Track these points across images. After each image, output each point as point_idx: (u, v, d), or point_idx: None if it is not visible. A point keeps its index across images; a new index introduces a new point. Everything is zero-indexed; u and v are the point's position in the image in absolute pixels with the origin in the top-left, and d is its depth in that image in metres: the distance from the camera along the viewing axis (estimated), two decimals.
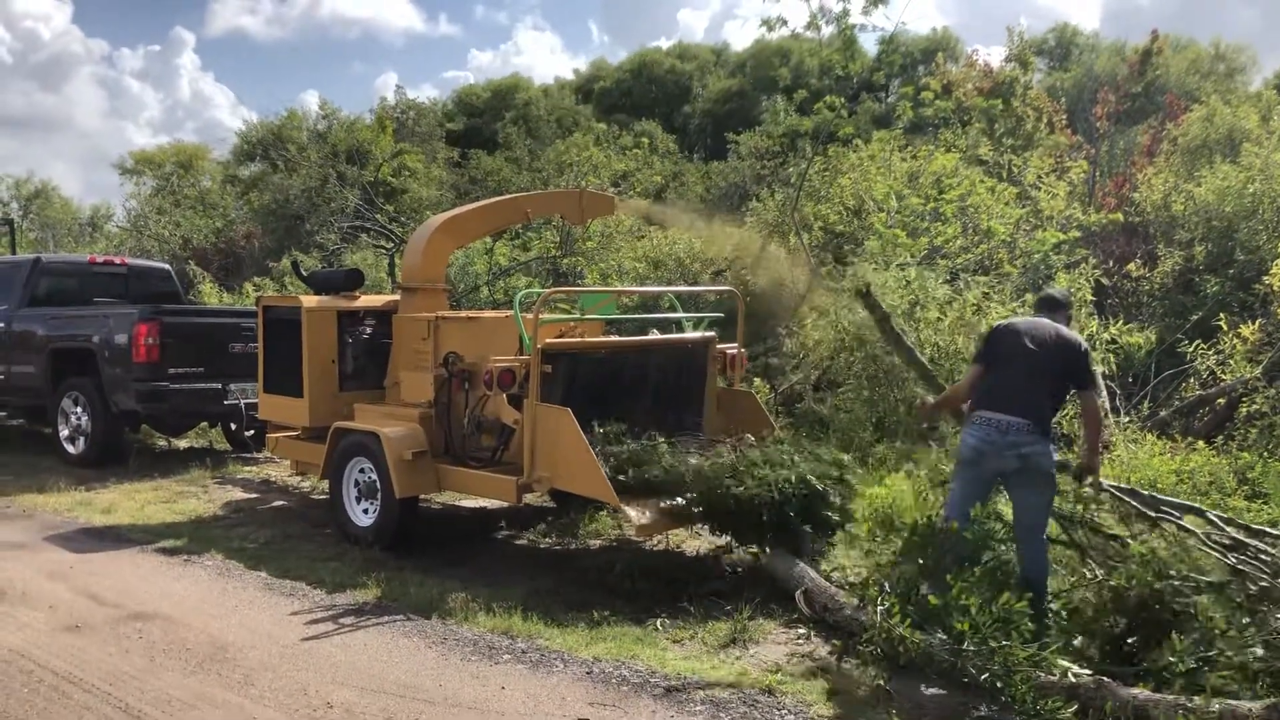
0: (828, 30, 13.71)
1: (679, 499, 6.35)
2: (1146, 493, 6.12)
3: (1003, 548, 5.41)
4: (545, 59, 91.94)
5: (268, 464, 10.95)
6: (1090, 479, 5.77)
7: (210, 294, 19.02)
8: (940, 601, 4.79)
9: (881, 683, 4.72)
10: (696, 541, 7.66)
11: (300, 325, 8.23)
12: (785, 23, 14.12)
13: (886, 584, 5.32)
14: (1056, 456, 5.48)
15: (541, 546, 7.77)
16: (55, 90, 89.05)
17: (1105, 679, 4.40)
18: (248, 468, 10.90)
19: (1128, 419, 9.44)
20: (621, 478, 6.42)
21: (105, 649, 5.42)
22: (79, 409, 10.84)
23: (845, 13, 13.30)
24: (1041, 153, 16.03)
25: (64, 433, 10.99)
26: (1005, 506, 5.89)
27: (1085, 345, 5.57)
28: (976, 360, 5.76)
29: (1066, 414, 8.36)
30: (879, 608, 5.11)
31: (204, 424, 12.38)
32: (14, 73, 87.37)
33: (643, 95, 41.68)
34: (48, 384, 11.11)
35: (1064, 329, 5.57)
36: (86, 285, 12.06)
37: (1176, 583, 4.88)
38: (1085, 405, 5.60)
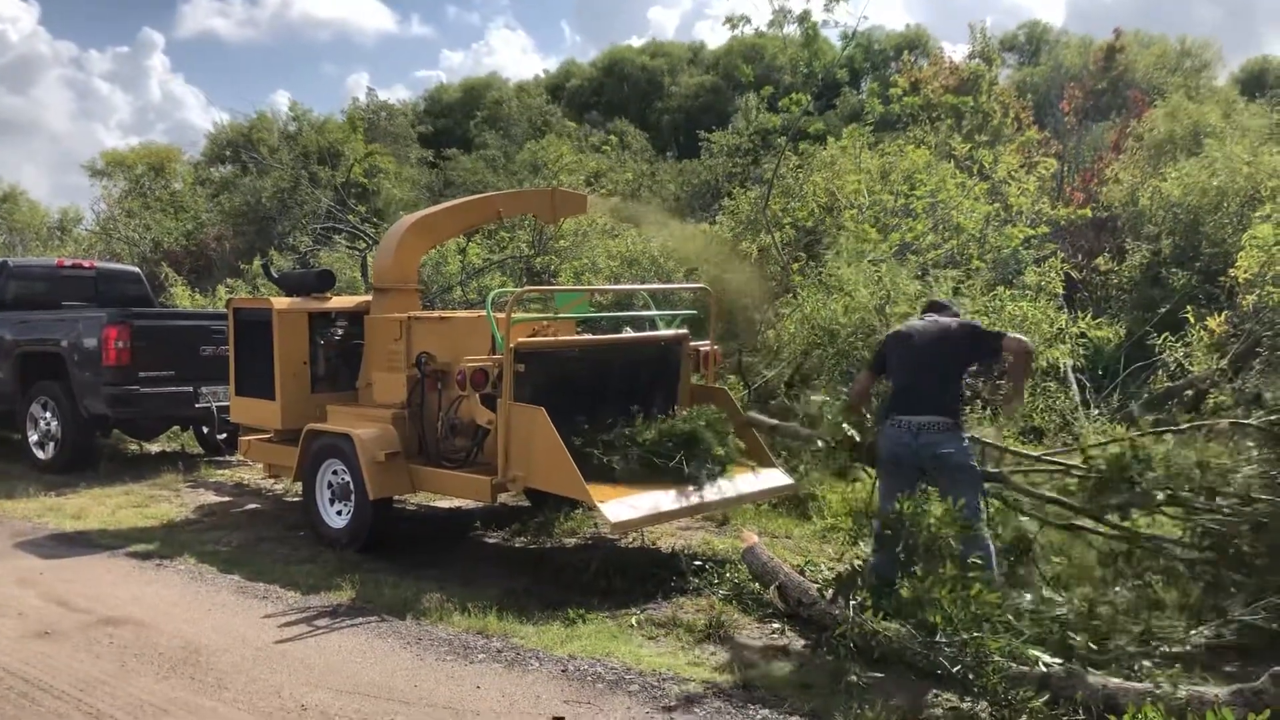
0: (790, 28, 13.77)
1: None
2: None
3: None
4: (517, 59, 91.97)
5: (240, 467, 10.89)
6: (1011, 412, 5.98)
7: (183, 296, 18.87)
8: (912, 594, 4.83)
9: (855, 676, 4.75)
10: (672, 539, 7.68)
11: (271, 327, 8.20)
12: (749, 20, 14.16)
13: (860, 578, 5.35)
14: (969, 447, 5.70)
15: (516, 546, 7.77)
16: (22, 93, 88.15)
17: (1076, 668, 4.45)
18: (220, 471, 10.84)
19: (1097, 411, 9.54)
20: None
21: (76, 655, 5.37)
22: (48, 414, 10.74)
23: (807, 14, 13.38)
24: (1012, 149, 16.15)
25: (33, 438, 10.89)
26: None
27: (973, 321, 5.93)
28: (870, 367, 6.12)
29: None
30: (852, 601, 5.15)
31: (175, 427, 12.30)
32: None
33: (615, 93, 41.59)
34: (16, 388, 11.00)
35: (948, 320, 5.86)
36: (55, 289, 11.96)
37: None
38: (1010, 347, 5.68)
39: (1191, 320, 9.98)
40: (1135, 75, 26.07)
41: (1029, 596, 5.16)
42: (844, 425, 6.21)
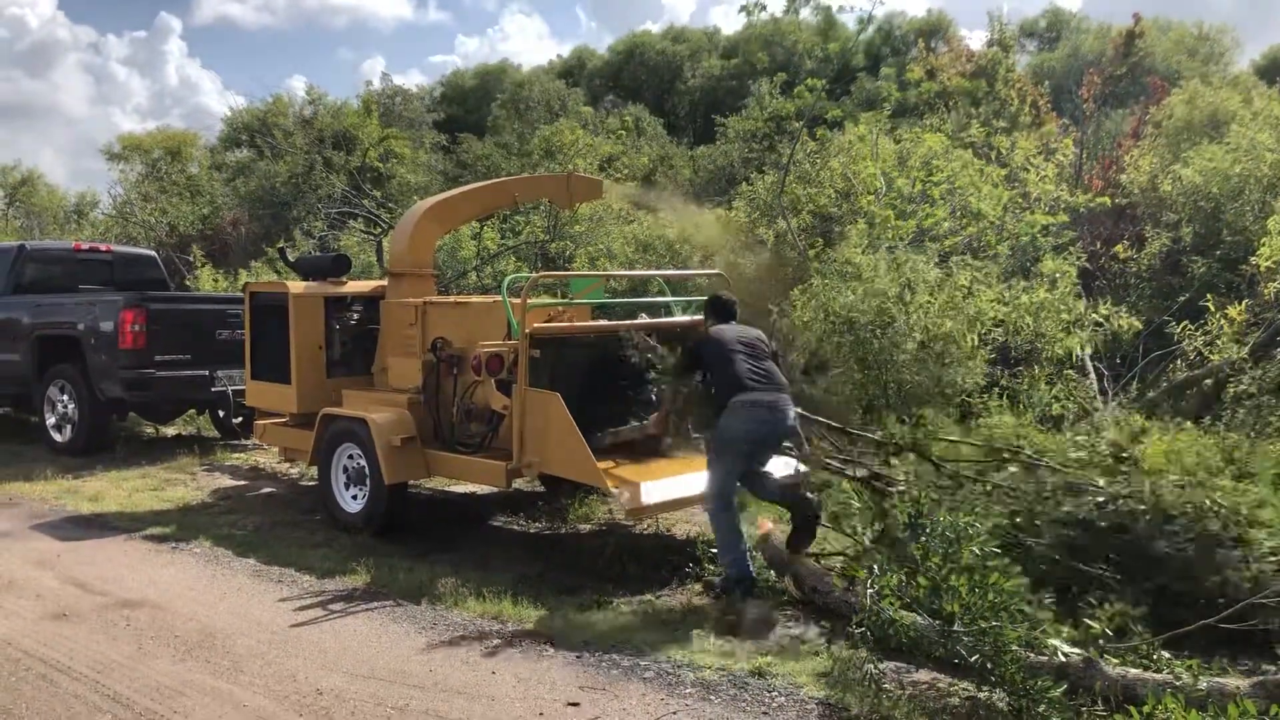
0: (806, 12, 13.76)
1: None
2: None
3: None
4: (532, 44, 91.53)
5: (256, 451, 10.91)
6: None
7: (207, 280, 18.90)
8: (929, 583, 4.79)
9: (871, 665, 4.72)
10: (687, 525, 7.66)
11: (287, 311, 8.20)
12: (764, 8, 14.18)
13: (876, 566, 5.32)
14: None
15: (531, 531, 7.77)
16: (42, 77, 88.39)
17: (1094, 658, 4.41)
18: (236, 455, 10.87)
19: (1116, 400, 9.47)
20: None
21: (93, 637, 5.40)
22: (65, 397, 10.78)
23: None
24: (1029, 135, 16.04)
25: (50, 421, 10.94)
26: None
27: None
28: (705, 368, 6.29)
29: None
30: (868, 590, 5.12)
31: (191, 411, 12.34)
32: (0, 60, 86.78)
33: (632, 78, 41.40)
34: (33, 372, 11.04)
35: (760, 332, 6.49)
36: (72, 272, 11.99)
37: None
38: None
39: (1211, 308, 9.88)
40: (1154, 61, 25.84)
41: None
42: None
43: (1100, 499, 5.58)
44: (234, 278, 18.88)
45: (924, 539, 4.96)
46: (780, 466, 7.20)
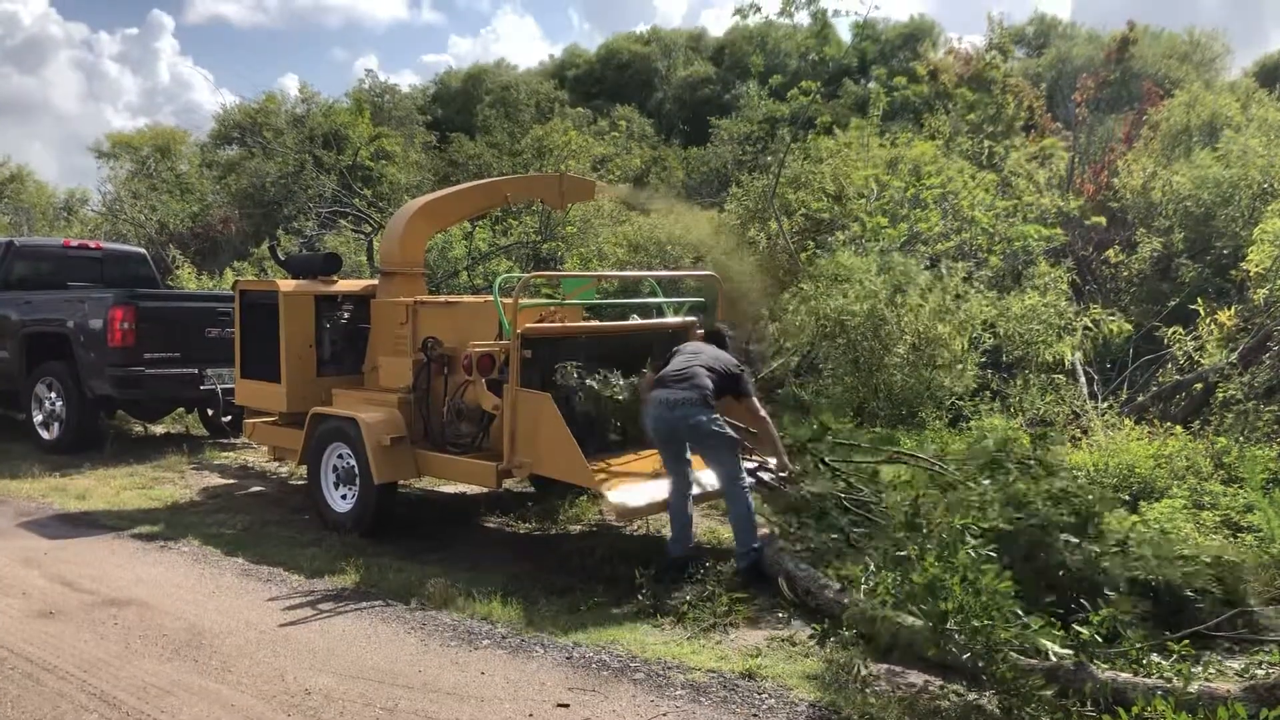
0: (800, 15, 13.76)
1: None
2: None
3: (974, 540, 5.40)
4: (525, 45, 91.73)
5: (245, 449, 10.87)
6: (790, 477, 6.62)
7: (188, 279, 18.81)
8: (922, 583, 4.78)
9: (862, 666, 4.72)
10: None
11: (277, 310, 8.17)
12: (759, 9, 14.18)
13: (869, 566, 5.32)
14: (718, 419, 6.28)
15: (521, 532, 7.75)
16: (33, 73, 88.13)
17: (1085, 661, 4.41)
18: (225, 453, 10.83)
19: (1106, 404, 9.49)
20: None
21: (80, 636, 5.36)
22: (53, 394, 10.72)
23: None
24: (1022, 141, 16.08)
25: (38, 418, 10.89)
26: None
27: (739, 366, 6.71)
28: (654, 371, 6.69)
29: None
30: (860, 591, 5.12)
31: (180, 409, 12.29)
32: None
33: (615, 81, 41.32)
34: (21, 369, 10.99)
35: (721, 353, 6.65)
36: (61, 269, 11.93)
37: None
38: (750, 408, 6.51)
39: (1201, 313, 9.91)
40: (1145, 66, 25.95)
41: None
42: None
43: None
44: (219, 277, 18.81)
45: (919, 540, 4.96)
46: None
